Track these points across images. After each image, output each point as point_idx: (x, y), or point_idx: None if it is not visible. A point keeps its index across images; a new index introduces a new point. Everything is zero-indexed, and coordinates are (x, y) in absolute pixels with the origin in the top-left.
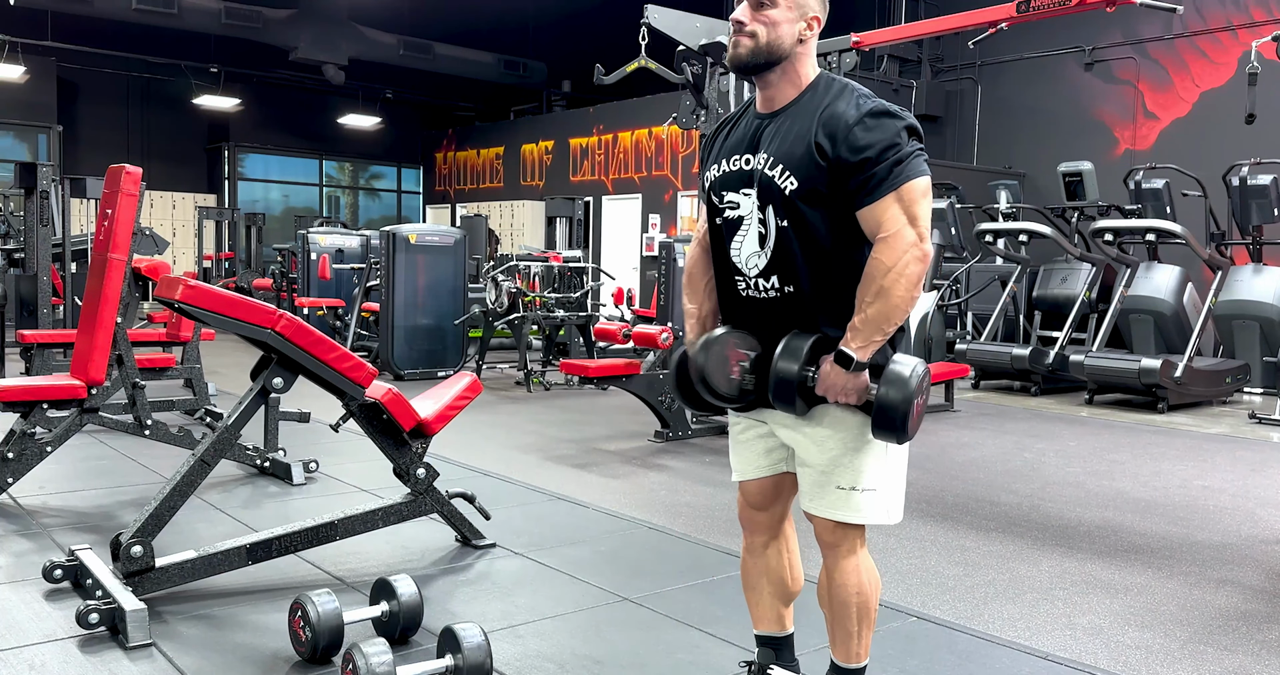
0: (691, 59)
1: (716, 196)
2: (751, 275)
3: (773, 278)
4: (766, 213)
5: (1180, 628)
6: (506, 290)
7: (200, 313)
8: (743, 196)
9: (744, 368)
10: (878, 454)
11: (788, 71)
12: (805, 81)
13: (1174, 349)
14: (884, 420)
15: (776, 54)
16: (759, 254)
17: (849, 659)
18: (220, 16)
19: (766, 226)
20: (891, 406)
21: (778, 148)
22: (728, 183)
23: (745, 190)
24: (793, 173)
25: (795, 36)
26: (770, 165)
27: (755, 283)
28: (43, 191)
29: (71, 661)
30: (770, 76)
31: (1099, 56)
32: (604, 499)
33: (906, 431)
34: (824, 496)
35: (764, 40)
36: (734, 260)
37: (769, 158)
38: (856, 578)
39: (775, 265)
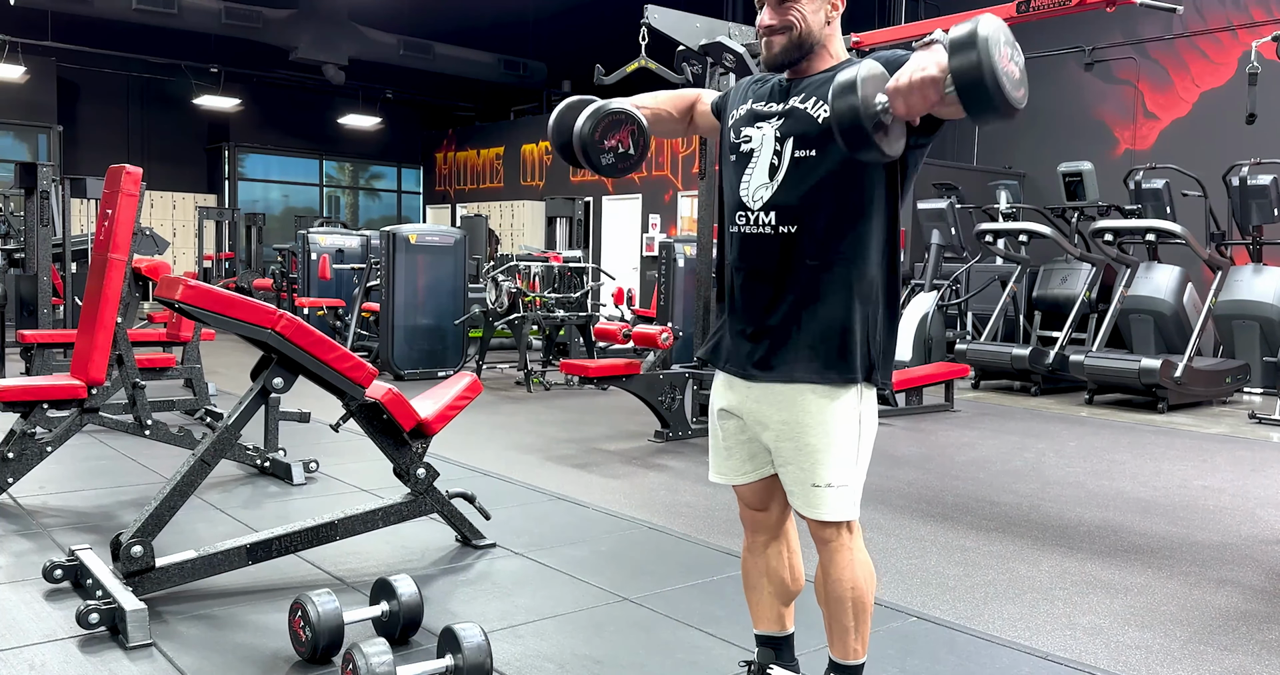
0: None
1: (734, 134)
2: (755, 207)
3: (772, 214)
4: (785, 144)
5: (1180, 628)
6: (506, 290)
7: (200, 313)
8: (757, 130)
9: (618, 151)
10: (848, 449)
11: (820, 54)
12: (837, 60)
13: (1174, 349)
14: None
15: (809, 43)
16: (766, 186)
17: (846, 656)
18: (220, 16)
19: (780, 158)
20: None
21: (814, 91)
22: (748, 120)
23: (762, 124)
24: (828, 105)
25: (823, 20)
26: (803, 101)
27: (757, 217)
28: (43, 191)
29: (71, 661)
30: (803, 65)
31: (1099, 56)
32: (604, 499)
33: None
34: (803, 495)
35: (796, 34)
36: (741, 194)
37: (803, 96)
38: (850, 573)
39: (780, 199)
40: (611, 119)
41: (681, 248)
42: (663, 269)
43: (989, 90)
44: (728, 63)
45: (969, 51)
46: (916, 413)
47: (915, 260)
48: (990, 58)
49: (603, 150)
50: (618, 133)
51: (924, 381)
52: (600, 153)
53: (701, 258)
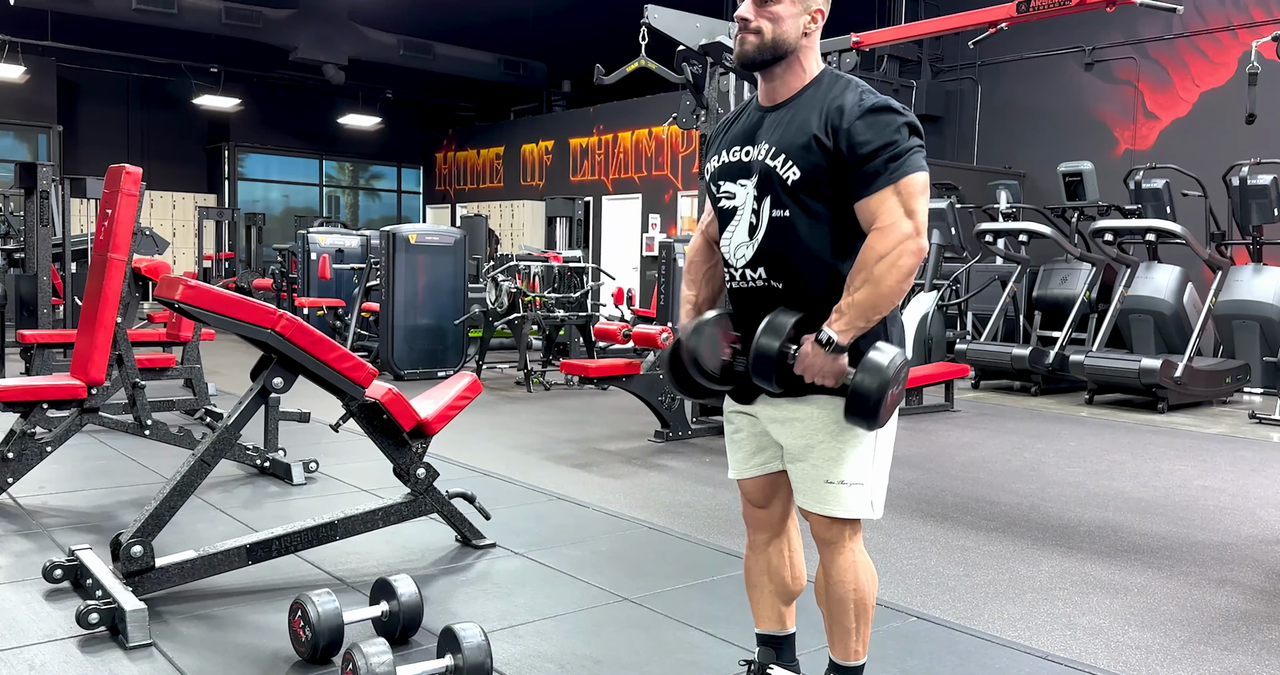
0: (691, 59)
1: (715, 186)
2: (739, 266)
3: (760, 269)
4: (762, 204)
5: (1180, 628)
6: (506, 290)
7: (200, 313)
8: (739, 187)
9: (735, 349)
10: (864, 449)
11: (793, 65)
12: (809, 75)
13: (1174, 349)
14: (857, 405)
15: (782, 48)
16: (747, 244)
17: (847, 656)
18: (220, 16)
19: (759, 217)
20: (865, 393)
21: (779, 137)
22: (726, 173)
23: (742, 181)
24: (795, 162)
25: (800, 30)
26: (772, 155)
27: (743, 273)
28: (43, 191)
29: (71, 661)
30: (775, 70)
31: (1099, 56)
32: (604, 499)
33: (878, 419)
34: (813, 491)
35: (769, 36)
36: (724, 252)
37: (770, 147)
38: (853, 574)
39: (762, 256)
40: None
41: (681, 248)
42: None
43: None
44: (728, 63)
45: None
46: (916, 413)
47: None
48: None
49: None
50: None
51: (924, 381)
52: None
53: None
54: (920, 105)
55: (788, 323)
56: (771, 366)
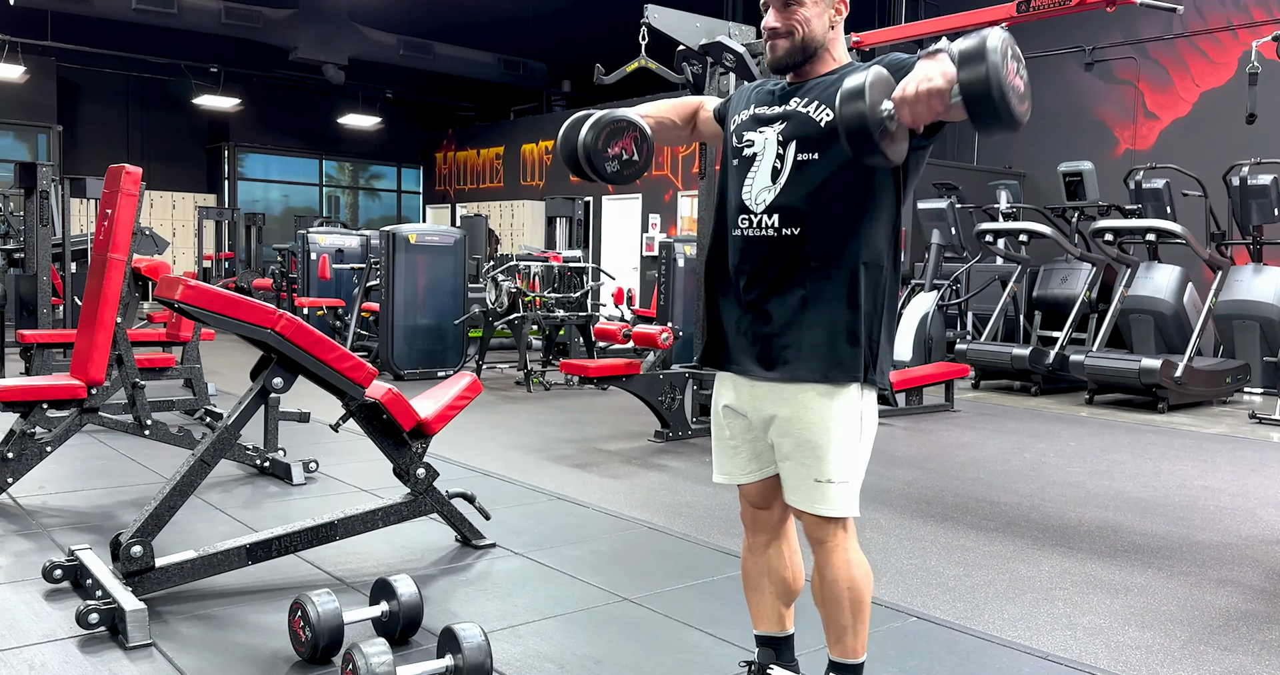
0: (691, 59)
1: (736, 138)
2: (758, 210)
3: (775, 216)
4: (788, 148)
5: (1180, 628)
6: (506, 290)
7: (200, 313)
8: (758, 134)
9: (622, 158)
10: (851, 446)
11: (823, 57)
12: (839, 64)
13: (1174, 349)
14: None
15: (812, 46)
16: (769, 189)
17: (845, 655)
18: (220, 16)
19: (783, 161)
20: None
21: (816, 94)
22: (750, 124)
23: (763, 128)
24: (830, 108)
25: (827, 25)
26: (805, 104)
27: (760, 220)
28: (43, 191)
29: (71, 661)
30: (806, 68)
31: (1099, 56)
32: (604, 499)
33: (1010, 107)
34: (804, 490)
35: (800, 37)
36: (744, 197)
37: (804, 99)
38: (847, 572)
39: (782, 202)
40: (614, 127)
41: (681, 248)
42: (663, 269)
43: (995, 104)
44: (728, 62)
45: (977, 64)
46: (916, 413)
47: (915, 260)
48: (998, 71)
49: (607, 158)
50: (621, 140)
51: (924, 381)
52: (605, 160)
53: (701, 258)
54: None
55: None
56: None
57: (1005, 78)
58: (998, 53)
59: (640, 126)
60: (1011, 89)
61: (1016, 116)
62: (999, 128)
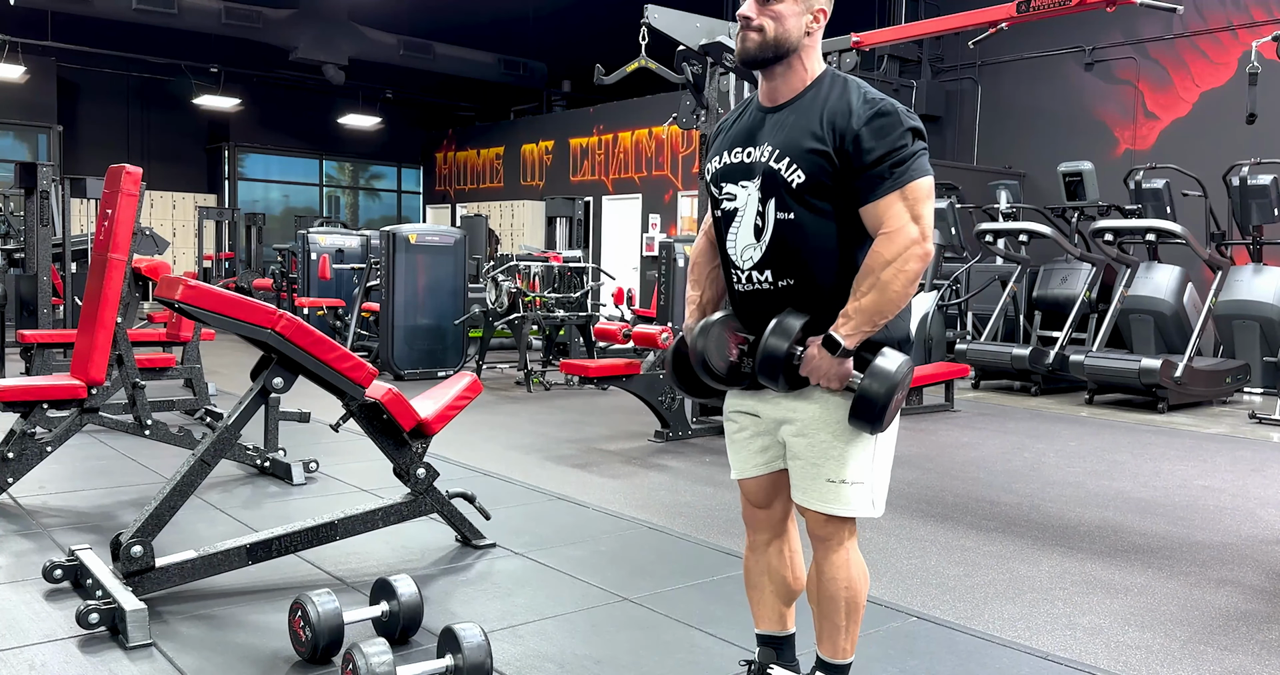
0: (691, 59)
1: (716, 188)
2: (746, 267)
3: (767, 271)
4: (767, 205)
5: (1180, 628)
6: (506, 290)
7: (200, 313)
8: (740, 188)
9: (741, 350)
10: (866, 447)
11: (794, 65)
12: (811, 76)
13: (1174, 349)
14: (862, 410)
15: (784, 47)
16: (754, 247)
17: (836, 654)
18: (220, 16)
19: (764, 219)
20: (872, 398)
21: (782, 139)
22: (728, 175)
23: (744, 182)
24: (799, 165)
25: (802, 29)
26: (776, 158)
27: (750, 275)
28: (43, 191)
29: (71, 661)
30: (777, 69)
31: (1099, 56)
32: (604, 499)
33: (881, 423)
34: (813, 489)
35: (771, 34)
36: (729, 252)
37: (773, 149)
38: (846, 572)
39: (771, 258)
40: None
41: (681, 248)
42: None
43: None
44: (728, 63)
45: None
46: (916, 413)
47: None
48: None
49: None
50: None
51: (924, 381)
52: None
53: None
54: (920, 105)
55: (796, 325)
56: (779, 368)
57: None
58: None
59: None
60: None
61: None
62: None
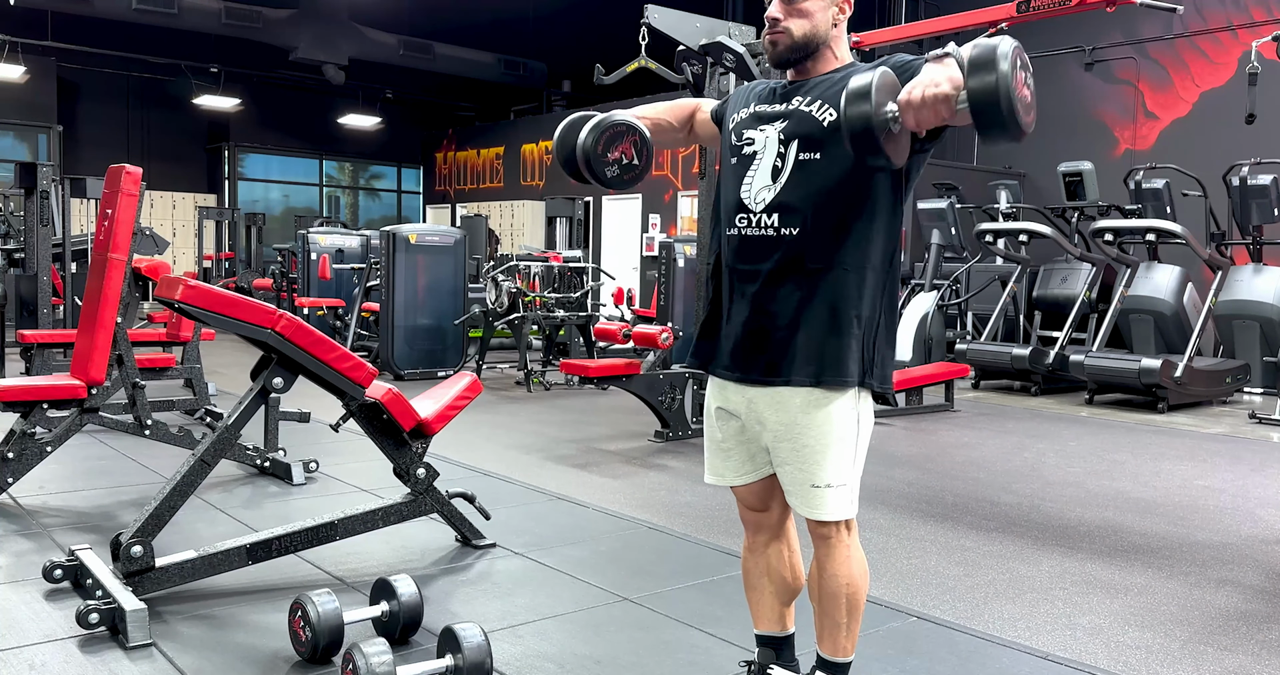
0: (691, 59)
1: (735, 136)
2: (758, 210)
3: (774, 215)
4: (789, 146)
5: (1180, 628)
6: (506, 290)
7: (200, 313)
8: (759, 132)
9: (622, 163)
10: (846, 450)
11: (824, 55)
12: (841, 63)
13: (1174, 349)
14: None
15: (814, 43)
16: (769, 188)
17: (836, 652)
18: (220, 16)
19: (784, 160)
20: (987, 91)
21: (819, 94)
22: (750, 122)
23: (764, 126)
24: (833, 107)
25: (830, 22)
26: (808, 103)
27: (759, 219)
28: (43, 191)
29: (71, 661)
30: (807, 65)
31: (1099, 56)
32: (604, 499)
33: (1017, 117)
34: (801, 495)
35: (799, 34)
36: (743, 196)
37: (807, 98)
38: (847, 569)
39: (782, 200)
40: (613, 131)
41: (681, 248)
42: (663, 269)
43: (1003, 114)
44: (728, 63)
45: (986, 73)
46: (916, 413)
47: (915, 260)
48: (1007, 81)
49: (607, 163)
50: (620, 144)
51: (924, 381)
52: (605, 165)
53: (701, 258)
54: None
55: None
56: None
57: (1014, 88)
58: (1008, 61)
59: (640, 130)
60: (1020, 100)
61: (1022, 127)
62: (1004, 138)
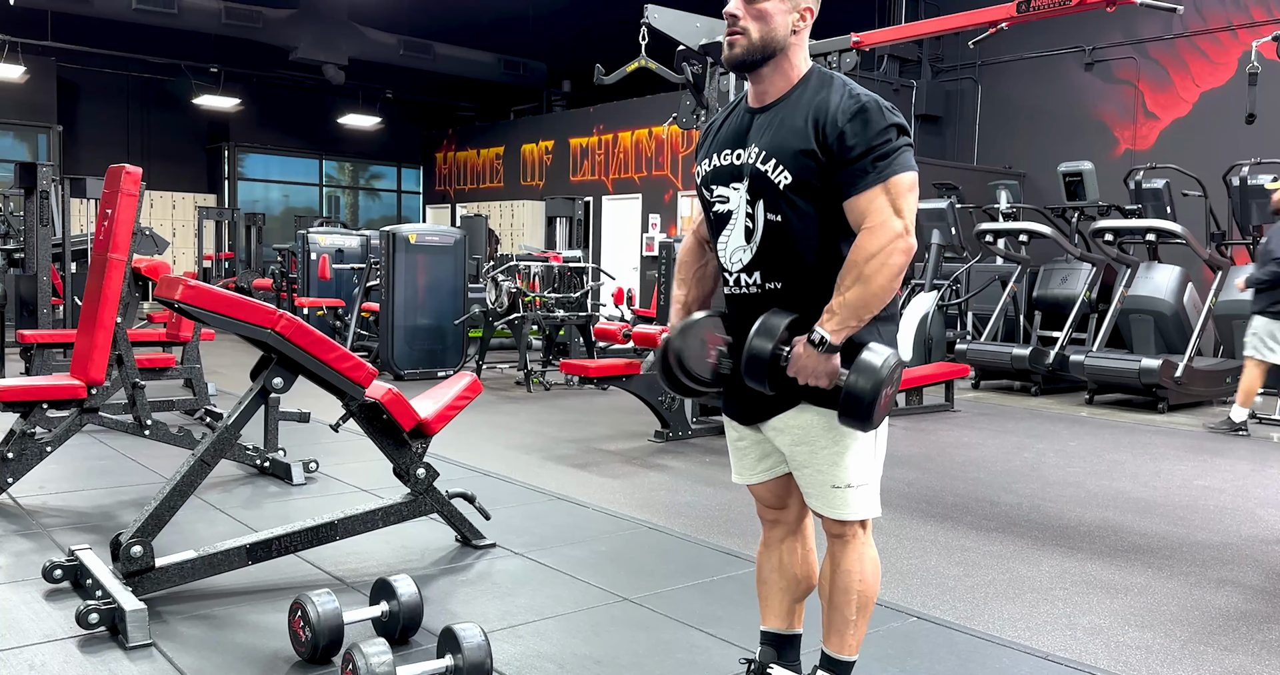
0: (691, 59)
1: (707, 191)
2: (735, 270)
3: (755, 274)
4: (756, 207)
5: (1180, 628)
6: (506, 290)
7: (200, 313)
8: (731, 191)
9: (721, 352)
10: (865, 450)
11: (781, 64)
12: (798, 75)
13: (1174, 349)
14: (850, 407)
15: (771, 47)
16: (744, 249)
17: (842, 650)
18: (220, 16)
19: (754, 221)
20: (859, 394)
21: (769, 140)
22: (719, 177)
23: (734, 184)
24: (785, 166)
25: (789, 28)
26: (763, 159)
27: (739, 278)
28: (43, 191)
29: (71, 661)
30: (764, 70)
31: (1099, 56)
32: (604, 499)
33: (871, 420)
34: (821, 495)
35: (757, 36)
36: (720, 257)
37: (760, 151)
38: (859, 566)
39: (760, 260)
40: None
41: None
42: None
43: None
44: None
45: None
46: (916, 413)
47: (915, 260)
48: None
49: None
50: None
51: (924, 381)
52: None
53: None
54: (920, 105)
55: (780, 323)
56: (765, 368)
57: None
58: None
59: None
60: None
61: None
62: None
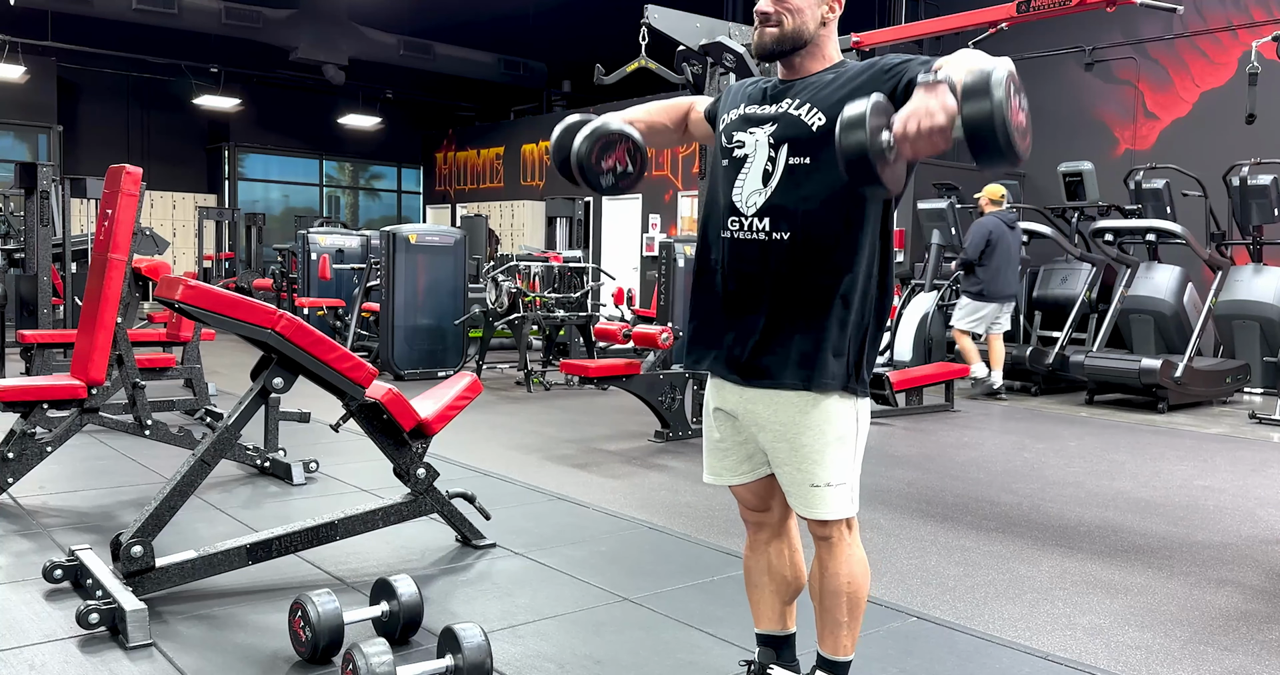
0: (691, 59)
1: (726, 138)
2: (748, 214)
3: (766, 219)
4: (780, 150)
5: (1180, 628)
6: (506, 290)
7: (200, 313)
8: (749, 135)
9: (616, 171)
10: (845, 449)
11: (813, 52)
12: (830, 62)
13: (1174, 349)
14: (981, 140)
15: (802, 38)
16: (759, 192)
17: (837, 651)
18: (220, 16)
19: (774, 164)
20: (983, 120)
21: (810, 96)
22: (740, 124)
23: (754, 129)
24: (821, 112)
25: (819, 19)
26: (797, 107)
27: (749, 223)
28: (43, 191)
29: (71, 661)
30: (794, 59)
31: (1099, 56)
32: (604, 499)
33: (1013, 145)
34: (800, 495)
35: (788, 27)
36: (734, 199)
37: (796, 102)
38: (848, 567)
39: (772, 204)
40: (607, 140)
41: (681, 248)
42: (663, 269)
43: (999, 143)
44: (728, 63)
45: (982, 101)
46: (916, 413)
47: (915, 260)
48: (1002, 109)
49: (601, 172)
50: (614, 152)
51: (924, 381)
52: (599, 174)
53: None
54: None
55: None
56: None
57: (1009, 115)
58: (1002, 88)
59: (633, 137)
60: (1015, 127)
61: (1018, 153)
62: (1001, 164)
